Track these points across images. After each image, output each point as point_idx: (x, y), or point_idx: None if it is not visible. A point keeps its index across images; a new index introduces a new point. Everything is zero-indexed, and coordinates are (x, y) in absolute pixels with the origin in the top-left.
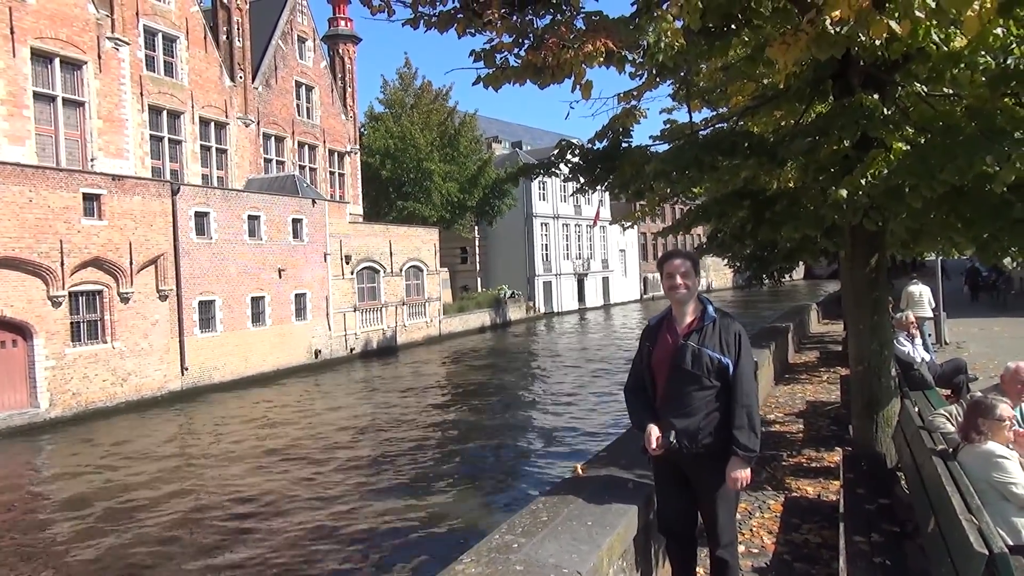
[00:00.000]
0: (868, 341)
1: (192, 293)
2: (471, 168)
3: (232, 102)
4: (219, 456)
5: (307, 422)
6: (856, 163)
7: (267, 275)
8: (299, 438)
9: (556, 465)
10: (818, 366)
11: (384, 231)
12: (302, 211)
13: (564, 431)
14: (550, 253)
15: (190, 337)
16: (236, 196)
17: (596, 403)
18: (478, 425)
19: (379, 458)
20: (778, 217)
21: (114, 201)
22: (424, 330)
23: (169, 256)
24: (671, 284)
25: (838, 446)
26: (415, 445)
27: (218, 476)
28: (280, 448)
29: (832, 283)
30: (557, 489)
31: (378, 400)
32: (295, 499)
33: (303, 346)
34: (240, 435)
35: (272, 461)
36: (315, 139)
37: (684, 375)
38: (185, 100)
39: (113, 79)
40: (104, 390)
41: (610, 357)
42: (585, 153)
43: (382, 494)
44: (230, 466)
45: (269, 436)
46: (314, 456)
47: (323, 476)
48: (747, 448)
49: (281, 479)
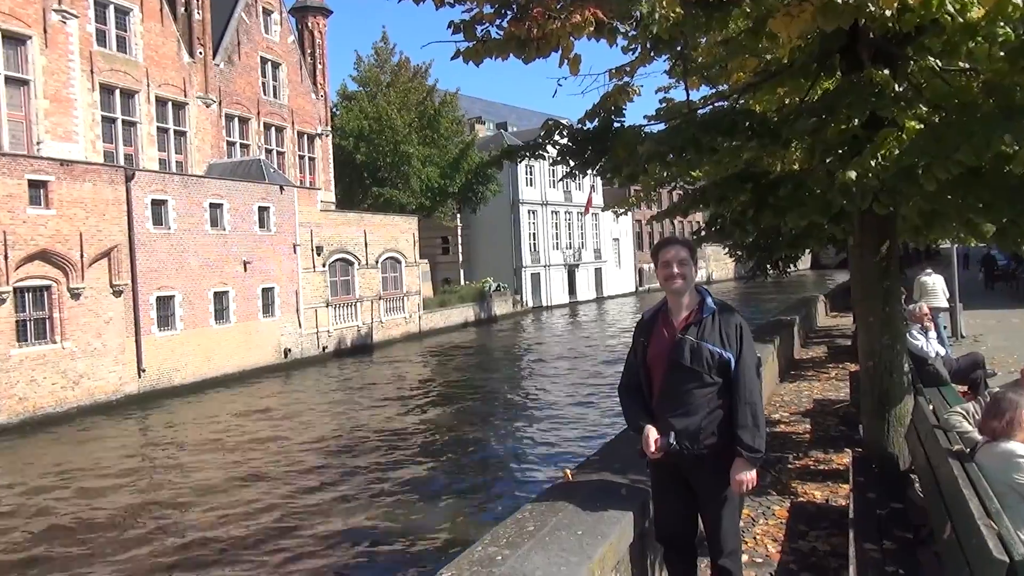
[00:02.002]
0: (879, 334)
1: (149, 288)
2: (452, 151)
3: (191, 80)
4: (178, 467)
5: (275, 426)
6: (865, 143)
7: (231, 268)
8: (266, 444)
9: (544, 470)
10: (826, 362)
11: (359, 220)
12: (269, 198)
13: (553, 434)
14: (538, 243)
15: (147, 336)
16: (196, 182)
17: (587, 403)
18: (460, 428)
19: (352, 464)
20: (782, 202)
21: (63, 188)
22: (402, 326)
23: (124, 248)
24: (667, 273)
25: (847, 447)
26: (392, 450)
27: (178, 487)
28: (245, 456)
29: (841, 273)
30: (545, 496)
31: (352, 402)
32: (260, 511)
33: (271, 345)
34: (202, 443)
35: (237, 470)
36: (283, 120)
37: (683, 371)
38: (140, 78)
39: (60, 55)
40: (54, 394)
41: (603, 354)
42: (574, 134)
43: (355, 504)
44: (191, 476)
45: (233, 443)
46: (282, 463)
47: (292, 485)
48: (752, 449)
49: (246, 489)
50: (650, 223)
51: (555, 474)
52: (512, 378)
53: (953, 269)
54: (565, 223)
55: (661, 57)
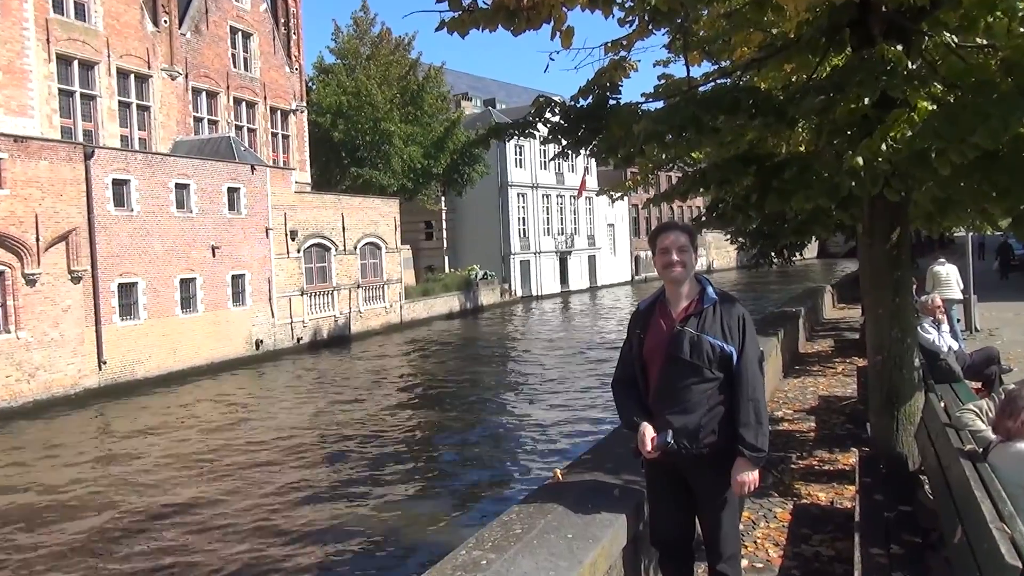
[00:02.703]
0: (888, 327)
1: (110, 274)
2: (437, 130)
3: (155, 51)
4: (139, 466)
5: (245, 423)
6: (876, 124)
7: (198, 253)
8: (235, 441)
9: (532, 470)
10: (832, 356)
11: (336, 202)
12: (239, 179)
13: (542, 432)
14: (528, 228)
15: (109, 326)
16: (161, 161)
17: (579, 399)
18: (443, 425)
19: (328, 464)
20: (787, 185)
21: (16, 167)
22: (383, 316)
23: (83, 231)
24: (665, 261)
25: (854, 446)
26: (370, 448)
27: (136, 488)
28: (212, 454)
29: (849, 262)
30: (533, 497)
31: (328, 397)
32: (228, 513)
33: (242, 335)
34: (165, 440)
35: (203, 469)
36: (254, 95)
37: (681, 366)
38: (100, 48)
39: (14, 23)
40: (8, 388)
41: (596, 347)
42: (567, 111)
43: (330, 505)
44: (152, 476)
45: (199, 440)
46: (252, 462)
47: (262, 486)
48: (755, 448)
49: (214, 489)
50: (647, 207)
51: (544, 474)
52: (499, 372)
53: (967, 258)
54: (557, 207)
55: (660, 30)
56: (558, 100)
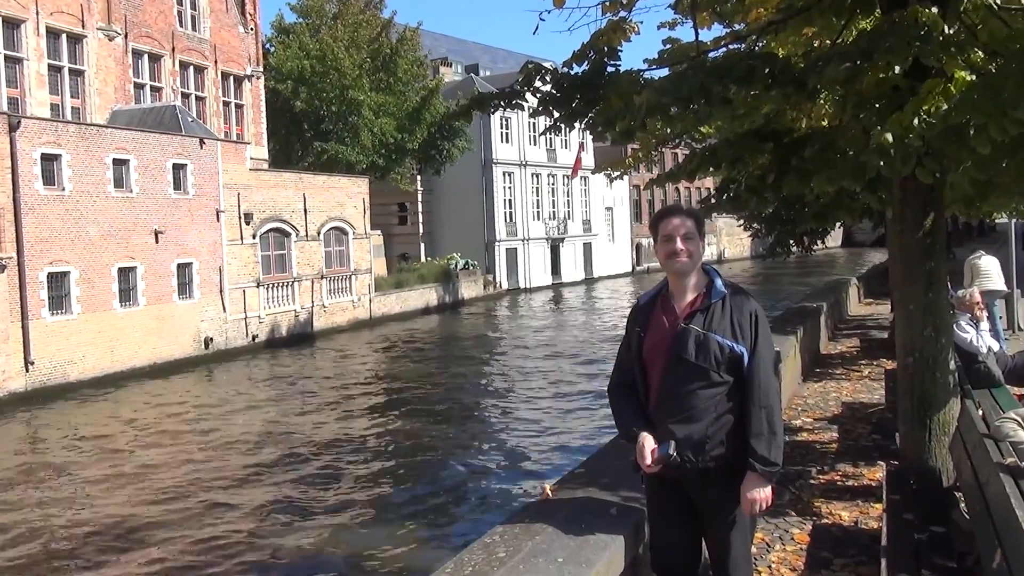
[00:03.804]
0: (921, 325)
1: (39, 263)
2: (412, 99)
3: (91, 8)
4: (67, 483)
5: (192, 433)
6: (908, 96)
7: (140, 239)
8: (180, 454)
9: (518, 486)
10: (858, 357)
11: (296, 181)
12: (186, 154)
13: (530, 442)
14: (515, 212)
15: (36, 321)
16: (97, 134)
17: (571, 407)
18: (417, 435)
19: (286, 479)
20: (808, 164)
21: None
22: (349, 312)
23: (7, 213)
24: (669, 250)
25: (881, 460)
26: (335, 461)
27: (65, 508)
28: (153, 469)
29: (877, 252)
30: (519, 516)
31: (286, 404)
32: (173, 537)
33: (189, 333)
34: (102, 452)
35: (142, 486)
36: (203, 58)
37: (686, 368)
38: (26, 4)
39: None
40: None
41: (591, 347)
42: (559, 79)
43: (289, 527)
44: (83, 494)
45: (139, 453)
46: (199, 478)
47: (211, 504)
48: (768, 461)
49: (156, 511)
50: (650, 189)
51: (532, 490)
52: (481, 375)
53: (1010, 248)
54: (548, 188)
55: None
56: (549, 66)
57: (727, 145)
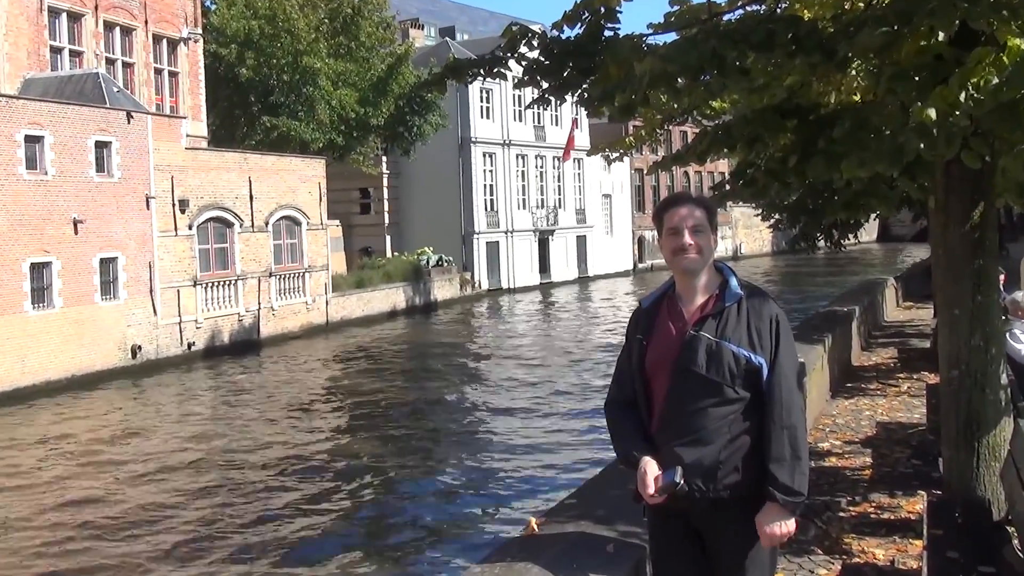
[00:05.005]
0: (967, 333)
1: None
2: (377, 67)
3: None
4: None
5: (114, 459)
6: (953, 67)
7: (56, 229)
8: (100, 483)
9: (498, 519)
10: (895, 370)
11: (241, 162)
12: (111, 130)
13: (512, 469)
14: (497, 199)
15: None
16: (6, 105)
17: (561, 427)
18: (381, 460)
19: (226, 513)
20: (837, 146)
21: None
22: (303, 315)
23: None
24: (675, 245)
25: (921, 489)
26: (283, 491)
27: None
28: (67, 500)
29: (918, 247)
30: (499, 555)
31: (228, 423)
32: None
33: (113, 340)
34: (4, 483)
35: (57, 521)
36: (131, 18)
37: (695, 382)
38: None
39: None
40: None
41: (585, 358)
42: (548, 45)
43: (227, 569)
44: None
45: (51, 482)
46: (121, 512)
47: (135, 542)
48: (790, 490)
49: (71, 552)
50: (654, 173)
51: (515, 523)
52: (456, 390)
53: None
54: (536, 172)
55: None
56: (537, 29)
57: (743, 122)
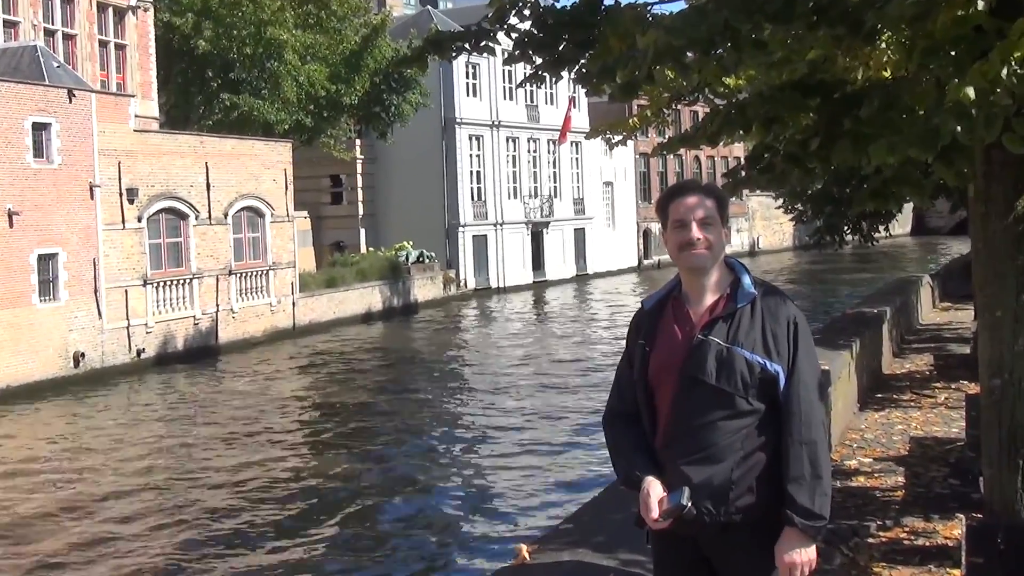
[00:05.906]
0: (1011, 337)
1: None
2: (350, 40)
3: None
4: None
5: (55, 480)
6: (994, 39)
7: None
8: (37, 508)
9: (486, 546)
10: (931, 379)
11: (197, 147)
12: (50, 109)
13: (501, 490)
14: (485, 187)
15: None
16: None
17: (556, 442)
18: (354, 481)
19: (181, 538)
20: (864, 127)
21: None
22: (267, 318)
23: None
24: (682, 239)
25: (960, 511)
26: (245, 513)
27: None
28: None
29: (957, 241)
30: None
31: (182, 439)
32: None
33: (53, 346)
34: None
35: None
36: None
37: (704, 392)
38: None
39: None
40: None
41: (582, 366)
42: (542, 15)
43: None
44: None
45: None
46: (66, 540)
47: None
48: (811, 513)
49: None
50: (660, 156)
51: (504, 551)
52: (439, 402)
53: None
54: (528, 157)
55: None
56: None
57: (760, 101)
